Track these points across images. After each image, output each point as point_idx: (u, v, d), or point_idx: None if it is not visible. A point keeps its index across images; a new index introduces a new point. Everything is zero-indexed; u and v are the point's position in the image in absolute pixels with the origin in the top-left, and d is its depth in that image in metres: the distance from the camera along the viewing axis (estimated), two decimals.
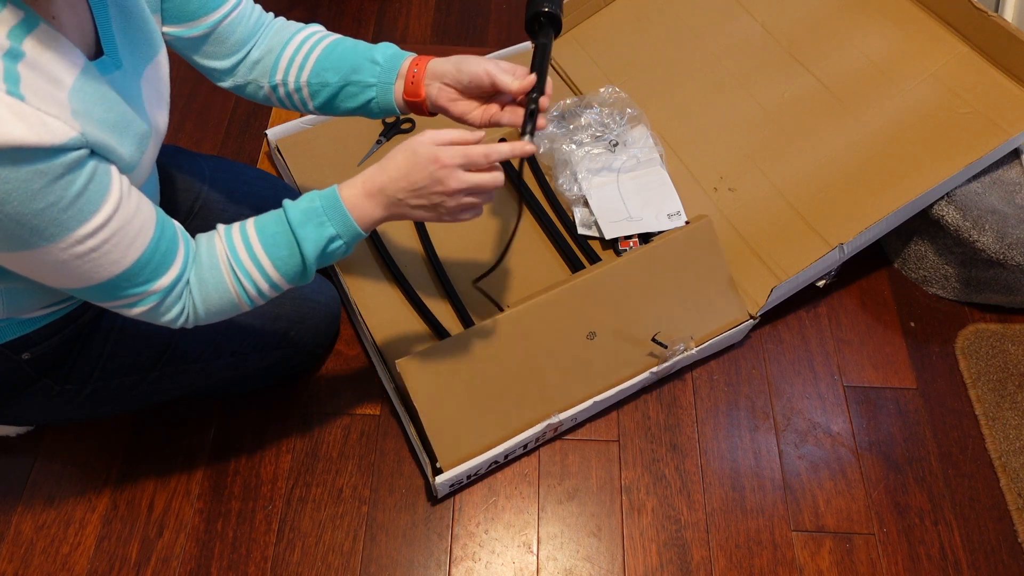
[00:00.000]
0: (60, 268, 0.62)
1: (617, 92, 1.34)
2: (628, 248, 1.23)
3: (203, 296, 0.73)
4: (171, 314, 0.71)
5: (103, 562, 1.03)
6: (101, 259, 0.63)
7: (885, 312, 1.30)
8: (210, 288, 0.72)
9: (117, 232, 0.63)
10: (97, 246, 0.62)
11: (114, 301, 0.68)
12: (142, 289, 0.68)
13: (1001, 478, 1.13)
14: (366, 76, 0.83)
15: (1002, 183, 1.22)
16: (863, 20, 1.28)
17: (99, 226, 0.61)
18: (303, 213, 0.72)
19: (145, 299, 0.69)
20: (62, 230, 0.59)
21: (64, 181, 0.58)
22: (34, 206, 0.57)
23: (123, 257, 0.65)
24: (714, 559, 1.06)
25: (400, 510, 1.08)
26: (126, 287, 0.67)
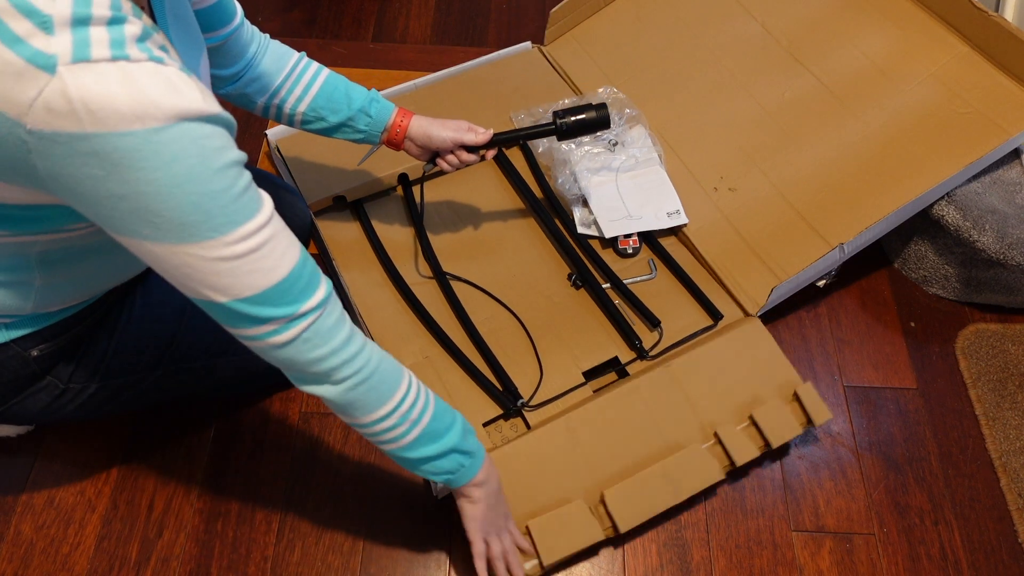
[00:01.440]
0: (215, 270, 0.60)
1: (615, 92, 1.34)
2: (628, 247, 1.23)
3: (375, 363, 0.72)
4: (322, 349, 0.68)
5: (103, 562, 1.03)
6: (260, 262, 0.62)
7: (885, 312, 1.30)
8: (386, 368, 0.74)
9: (275, 235, 0.63)
10: (259, 246, 0.61)
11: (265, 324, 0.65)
12: (296, 307, 0.65)
13: (1001, 478, 1.13)
14: (359, 124, 1.00)
15: (1002, 183, 1.22)
16: (863, 20, 1.28)
17: (262, 224, 0.61)
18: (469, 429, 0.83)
19: (296, 320, 0.65)
20: (231, 221, 0.59)
21: (236, 169, 0.59)
22: (211, 186, 0.57)
23: (280, 263, 0.63)
24: (714, 559, 1.06)
25: (400, 510, 1.08)
26: (279, 300, 0.64)
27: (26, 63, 0.51)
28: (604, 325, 1.16)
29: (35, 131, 0.53)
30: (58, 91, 0.51)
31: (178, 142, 0.55)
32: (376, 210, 1.28)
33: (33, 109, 0.52)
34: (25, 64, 0.51)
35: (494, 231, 1.26)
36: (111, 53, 0.53)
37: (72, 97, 0.51)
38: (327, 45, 1.64)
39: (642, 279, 1.21)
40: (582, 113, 1.04)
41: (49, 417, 0.90)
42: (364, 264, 1.22)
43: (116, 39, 0.53)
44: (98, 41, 0.52)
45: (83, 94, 0.51)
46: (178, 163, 0.55)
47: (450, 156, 1.05)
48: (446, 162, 1.06)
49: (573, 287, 1.20)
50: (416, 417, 0.76)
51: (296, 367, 0.69)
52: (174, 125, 0.54)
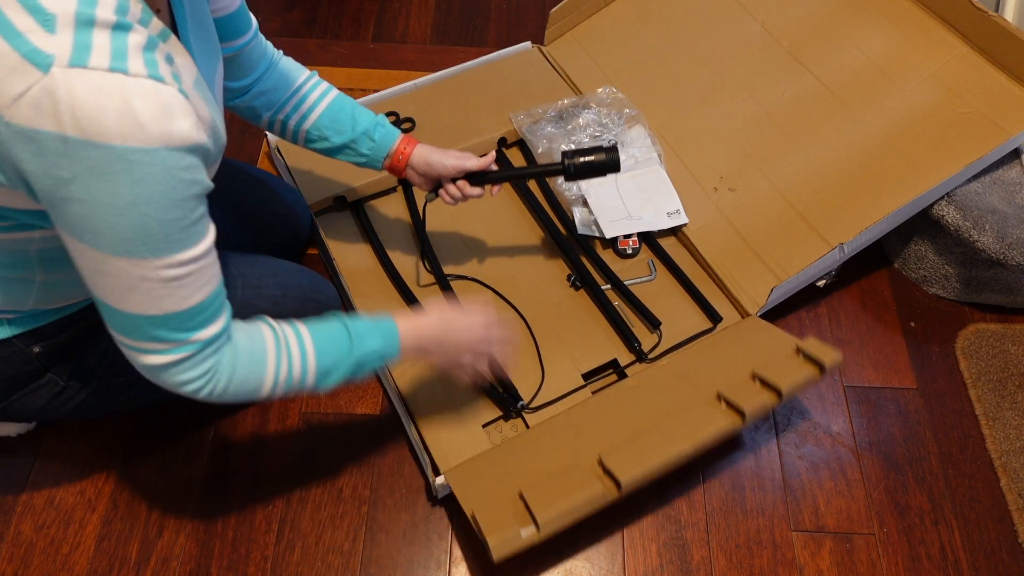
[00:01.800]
0: (137, 287, 0.61)
1: (615, 92, 1.34)
2: (627, 247, 1.23)
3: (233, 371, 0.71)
4: (196, 371, 0.68)
5: (103, 562, 1.03)
6: (177, 290, 0.63)
7: (885, 312, 1.30)
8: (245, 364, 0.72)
9: (202, 269, 0.64)
10: (183, 276, 0.62)
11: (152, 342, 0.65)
12: (188, 335, 0.66)
13: (1001, 478, 1.13)
14: (362, 148, 1.00)
15: (1002, 183, 1.22)
16: (863, 20, 1.28)
17: (197, 256, 0.62)
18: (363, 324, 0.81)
19: (184, 346, 0.66)
20: (170, 248, 0.60)
21: (195, 202, 0.60)
22: (168, 215, 0.58)
23: (192, 294, 0.64)
24: (714, 559, 1.06)
25: (400, 510, 1.08)
26: (178, 326, 0.65)
27: (21, 58, 0.51)
28: (604, 327, 1.16)
29: (12, 124, 0.52)
30: (47, 90, 0.51)
31: (152, 167, 0.55)
32: (376, 210, 1.28)
33: (18, 104, 0.51)
34: (20, 59, 0.51)
35: (494, 232, 1.26)
36: (110, 63, 0.52)
37: (60, 99, 0.51)
38: (327, 45, 1.64)
39: (642, 280, 1.21)
40: (591, 155, 1.02)
41: (49, 415, 0.91)
42: (364, 264, 1.22)
43: (118, 49, 0.53)
44: (99, 48, 0.52)
45: (72, 99, 0.51)
46: (144, 186, 0.55)
47: (452, 187, 1.03)
48: (448, 193, 1.04)
49: (572, 288, 1.20)
50: (299, 376, 0.75)
51: (160, 381, 0.69)
52: (155, 150, 0.54)
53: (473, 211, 1.28)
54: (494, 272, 1.22)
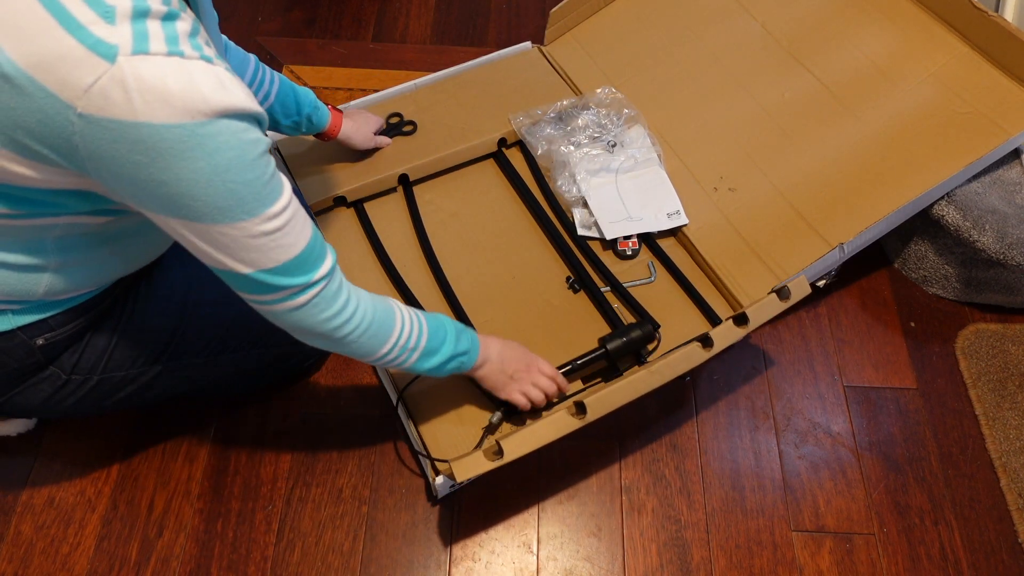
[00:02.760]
0: (245, 246, 0.66)
1: (614, 93, 1.34)
2: (627, 248, 1.22)
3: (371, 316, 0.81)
4: (334, 307, 0.76)
5: (103, 562, 1.03)
6: (283, 238, 0.67)
7: (885, 312, 1.30)
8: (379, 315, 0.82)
9: (295, 214, 0.68)
10: (283, 225, 0.67)
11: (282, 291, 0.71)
12: (309, 275, 0.72)
13: (1001, 478, 1.13)
14: (302, 129, 1.14)
15: (1002, 183, 1.22)
16: (863, 20, 1.28)
17: (285, 205, 0.66)
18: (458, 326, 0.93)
19: (311, 286, 0.72)
20: (261, 204, 0.64)
21: (267, 156, 0.64)
22: (247, 176, 0.62)
23: (297, 239, 0.69)
24: (714, 559, 1.06)
25: (400, 510, 1.08)
26: (296, 270, 0.70)
27: (87, 50, 0.53)
28: (603, 329, 1.16)
29: (85, 115, 0.55)
30: (117, 80, 0.54)
31: (221, 135, 0.59)
32: (376, 210, 1.28)
33: (89, 94, 0.54)
34: (86, 51, 0.53)
35: (494, 232, 1.26)
36: (167, 48, 0.56)
37: (129, 87, 0.54)
38: (327, 45, 1.64)
39: (642, 282, 1.21)
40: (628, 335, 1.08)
41: (50, 410, 0.91)
42: (364, 264, 1.22)
43: (171, 35, 0.57)
44: (155, 35, 0.55)
45: (140, 85, 0.54)
46: (220, 155, 0.59)
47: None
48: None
49: (571, 290, 1.20)
50: (413, 346, 0.86)
51: (305, 328, 0.76)
52: (218, 120, 0.58)
53: (473, 211, 1.28)
54: (494, 273, 1.22)
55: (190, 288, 0.95)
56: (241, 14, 1.68)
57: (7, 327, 0.79)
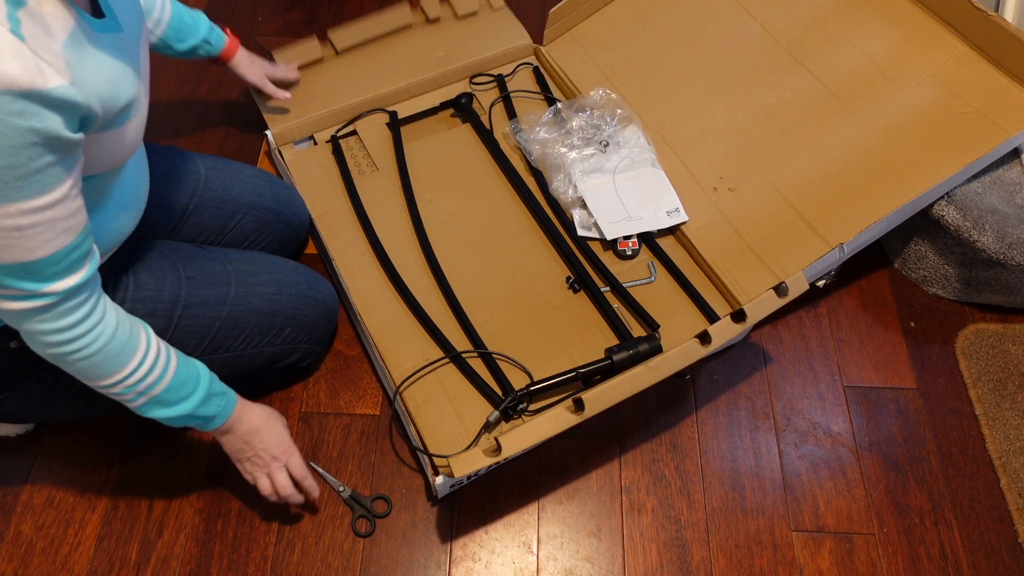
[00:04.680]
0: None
1: (608, 94, 1.34)
2: (627, 248, 1.22)
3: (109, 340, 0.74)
4: (60, 323, 0.70)
5: (103, 562, 1.03)
6: (22, 241, 0.62)
7: (885, 312, 1.30)
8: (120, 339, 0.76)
9: (50, 221, 0.63)
10: (26, 226, 0.61)
11: (4, 289, 0.66)
12: (41, 285, 0.66)
13: (1001, 478, 1.13)
14: (200, 52, 1.15)
15: (1002, 183, 1.22)
16: (863, 20, 1.28)
17: (38, 208, 0.61)
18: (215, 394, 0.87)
19: (39, 296, 0.67)
20: (5, 197, 0.59)
21: (34, 150, 0.58)
22: (1, 161, 0.57)
23: (41, 246, 0.64)
24: (714, 559, 1.06)
25: (400, 510, 1.08)
26: (27, 276, 0.65)
27: None
28: (603, 330, 1.16)
29: None
30: None
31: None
32: (376, 209, 1.28)
33: None
34: None
35: (494, 233, 1.26)
36: None
37: None
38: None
39: (642, 282, 1.21)
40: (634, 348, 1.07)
41: (45, 412, 0.90)
42: (364, 265, 1.22)
43: None
44: None
45: None
46: None
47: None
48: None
49: (571, 290, 1.20)
50: (142, 391, 0.79)
51: (28, 330, 0.70)
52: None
53: (473, 211, 1.28)
54: (494, 273, 1.22)
55: (180, 288, 0.94)
56: (241, 14, 1.68)
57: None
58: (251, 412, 0.93)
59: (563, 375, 1.07)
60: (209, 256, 1.01)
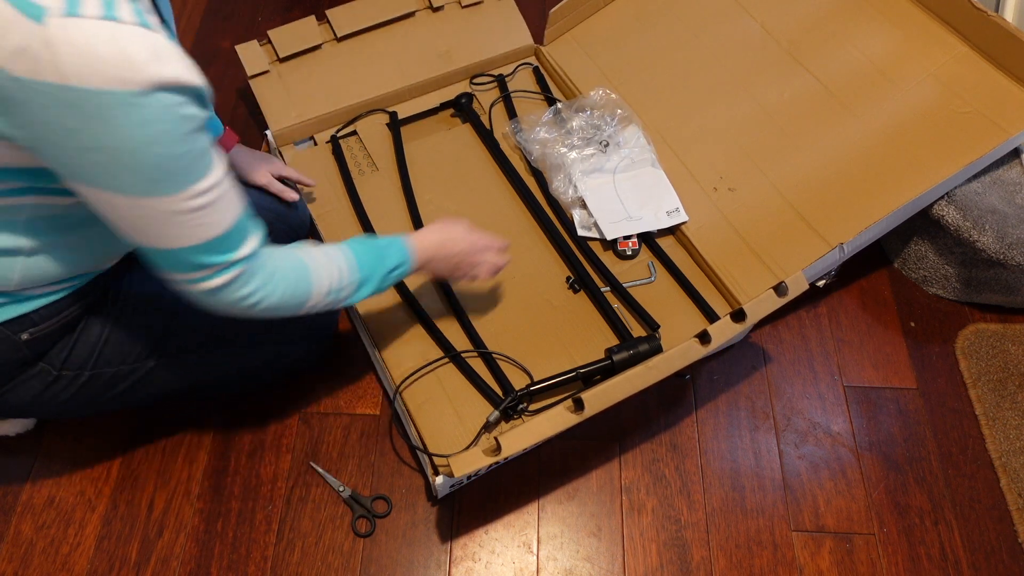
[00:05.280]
0: (170, 221, 0.66)
1: (608, 94, 1.34)
2: (627, 248, 1.22)
3: (284, 283, 0.78)
4: (250, 286, 0.75)
5: (103, 562, 1.03)
6: (207, 216, 0.67)
7: (885, 312, 1.30)
8: (293, 278, 0.79)
9: (225, 193, 0.68)
10: (209, 203, 0.66)
11: (202, 270, 0.70)
12: (230, 255, 0.71)
13: (1001, 478, 1.13)
14: None
15: (1002, 183, 1.22)
16: (863, 20, 1.28)
17: (214, 183, 0.66)
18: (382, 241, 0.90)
19: (232, 266, 0.72)
20: (188, 180, 0.64)
21: (201, 133, 0.64)
22: (177, 150, 0.62)
23: (223, 218, 0.69)
24: (714, 559, 1.06)
25: (400, 510, 1.08)
26: (218, 249, 0.70)
27: (15, 10, 0.53)
28: (603, 330, 1.16)
29: (18, 78, 0.55)
30: (44, 41, 0.53)
31: (153, 107, 0.58)
32: (376, 210, 1.28)
33: (17, 56, 0.54)
34: (14, 12, 0.53)
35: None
36: (103, 11, 0.55)
37: (57, 49, 0.53)
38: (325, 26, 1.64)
39: (642, 282, 1.21)
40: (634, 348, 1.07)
41: (43, 407, 0.90)
42: None
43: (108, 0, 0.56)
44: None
45: (69, 48, 0.53)
46: (151, 126, 0.59)
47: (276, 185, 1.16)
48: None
49: (571, 291, 1.20)
50: (339, 287, 0.84)
51: (222, 305, 0.75)
52: (152, 91, 0.57)
53: (473, 212, 1.28)
54: None
55: None
56: (241, 14, 1.68)
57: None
58: (425, 237, 0.96)
59: (563, 375, 1.07)
60: None
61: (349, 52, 1.38)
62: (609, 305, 1.16)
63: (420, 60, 1.41)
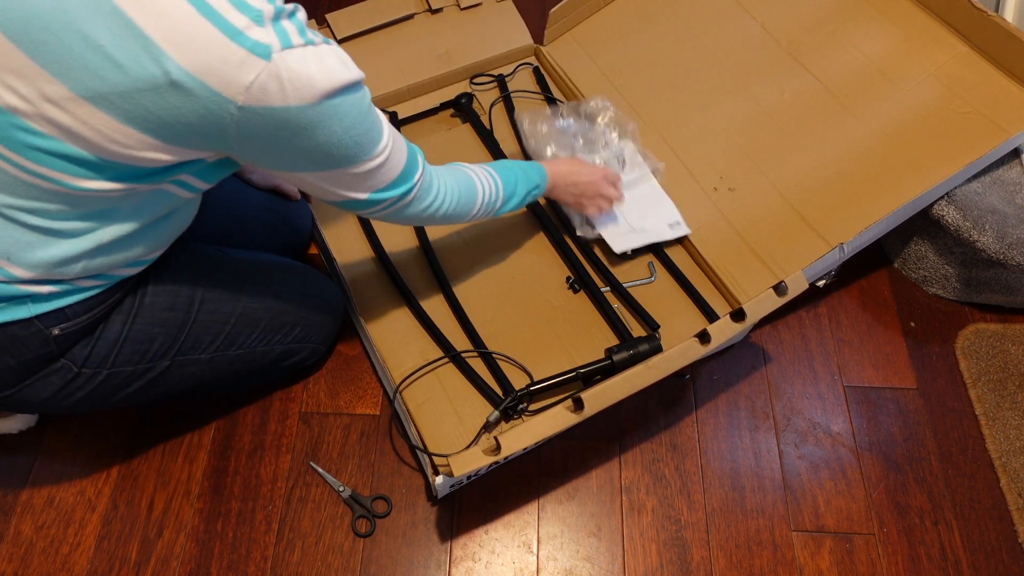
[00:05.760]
0: (365, 177, 0.79)
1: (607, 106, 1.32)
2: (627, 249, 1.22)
3: (457, 194, 0.93)
4: (430, 196, 0.90)
5: (103, 562, 1.03)
6: (391, 162, 0.80)
7: (885, 312, 1.30)
8: (464, 190, 0.95)
9: (393, 140, 0.80)
10: (390, 153, 0.79)
11: (398, 195, 0.84)
12: (413, 177, 0.85)
13: (1001, 478, 1.13)
14: None
15: (1002, 183, 1.22)
16: (863, 20, 1.28)
17: (389, 134, 0.79)
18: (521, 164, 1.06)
19: (416, 184, 0.86)
20: (374, 143, 0.76)
21: (370, 108, 0.75)
22: (365, 125, 0.74)
23: (400, 157, 0.82)
24: (714, 559, 1.06)
25: (400, 510, 1.08)
26: (405, 177, 0.84)
27: (248, 52, 0.62)
28: (603, 330, 1.16)
29: (245, 107, 0.64)
30: (273, 74, 0.63)
31: (345, 104, 0.70)
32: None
33: (250, 90, 0.63)
34: (247, 53, 0.62)
35: (494, 232, 1.26)
36: (303, 40, 0.66)
37: (283, 78, 0.64)
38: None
39: (642, 282, 1.21)
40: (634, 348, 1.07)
41: (57, 405, 0.91)
42: (364, 265, 1.22)
43: (300, 27, 0.66)
44: (292, 30, 0.65)
45: (291, 75, 0.64)
46: (347, 118, 0.71)
47: None
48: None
49: (571, 290, 1.20)
50: (494, 199, 1.00)
51: (408, 220, 0.91)
52: (343, 92, 0.69)
53: None
54: (494, 273, 1.22)
55: (198, 284, 0.96)
56: None
57: (25, 315, 0.80)
58: (557, 166, 1.12)
59: (563, 375, 1.07)
60: (224, 256, 1.04)
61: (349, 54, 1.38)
62: (609, 305, 1.16)
63: (420, 61, 1.41)
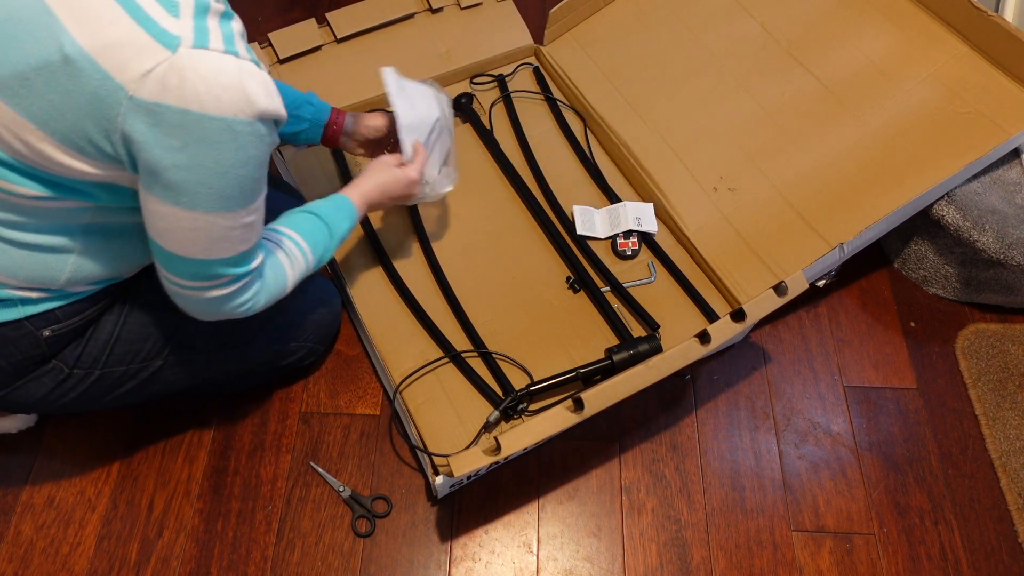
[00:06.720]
0: (227, 235, 0.70)
1: None
2: (627, 248, 1.22)
3: (269, 288, 0.82)
4: (247, 293, 0.79)
5: (103, 562, 1.03)
6: (248, 232, 0.72)
7: (885, 312, 1.30)
8: (273, 281, 0.83)
9: (260, 214, 0.73)
10: (255, 221, 0.72)
11: (217, 279, 0.74)
12: (247, 267, 0.76)
13: (1001, 478, 1.13)
14: (304, 113, 1.03)
15: (1002, 183, 1.22)
16: (863, 20, 1.28)
17: (261, 203, 0.72)
18: (330, 210, 0.93)
19: (242, 276, 0.76)
20: (251, 199, 0.70)
21: (267, 160, 0.69)
22: (255, 172, 0.68)
23: (256, 233, 0.74)
24: (714, 559, 1.06)
25: (400, 510, 1.08)
26: (241, 261, 0.75)
27: (152, 39, 0.57)
28: (603, 330, 1.16)
29: (135, 98, 0.59)
30: (175, 68, 0.58)
31: (250, 135, 0.64)
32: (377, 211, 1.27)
33: (145, 79, 0.58)
34: (151, 40, 0.57)
35: (494, 232, 1.26)
36: (224, 46, 0.60)
37: (185, 76, 0.58)
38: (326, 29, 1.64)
39: (642, 282, 1.21)
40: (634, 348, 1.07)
41: (50, 405, 0.91)
42: (364, 265, 1.22)
43: (227, 34, 0.61)
44: (214, 32, 0.60)
45: (196, 76, 0.58)
46: (244, 151, 0.64)
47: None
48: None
49: (571, 290, 1.20)
50: (305, 268, 0.89)
51: (215, 312, 0.79)
52: (254, 121, 0.63)
53: (473, 211, 1.28)
54: (494, 273, 1.22)
55: None
56: (241, 14, 1.67)
57: (15, 316, 0.80)
58: (366, 190, 0.99)
59: (563, 375, 1.07)
60: None
61: (349, 53, 1.38)
62: (609, 305, 1.16)
63: (420, 60, 1.41)
